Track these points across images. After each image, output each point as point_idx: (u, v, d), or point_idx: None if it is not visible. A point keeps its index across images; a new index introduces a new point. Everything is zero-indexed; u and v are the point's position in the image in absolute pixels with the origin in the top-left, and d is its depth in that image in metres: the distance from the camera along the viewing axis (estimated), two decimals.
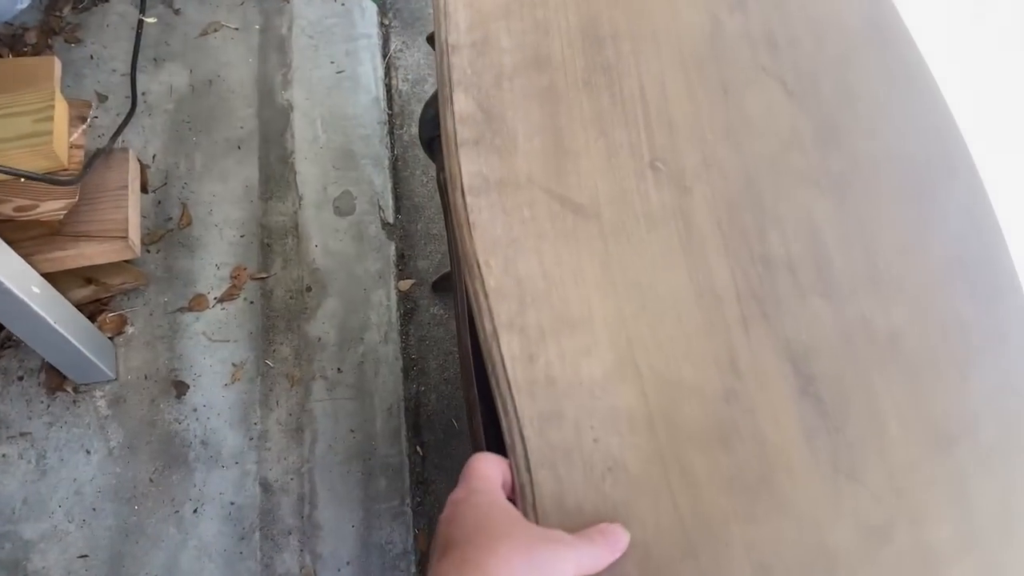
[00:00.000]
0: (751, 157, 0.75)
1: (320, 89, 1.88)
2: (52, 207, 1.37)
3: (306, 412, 1.56)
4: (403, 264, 1.73)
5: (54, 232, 1.44)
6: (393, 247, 1.73)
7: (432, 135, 1.19)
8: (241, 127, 1.82)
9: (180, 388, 1.57)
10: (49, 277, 1.40)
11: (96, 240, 1.47)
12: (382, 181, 1.79)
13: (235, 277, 1.67)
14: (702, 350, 0.67)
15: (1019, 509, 0.66)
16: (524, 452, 0.61)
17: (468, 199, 0.71)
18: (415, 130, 1.87)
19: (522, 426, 0.62)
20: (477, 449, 0.98)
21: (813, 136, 0.77)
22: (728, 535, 0.61)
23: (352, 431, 1.55)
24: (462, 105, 0.74)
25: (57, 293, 1.40)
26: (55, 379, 1.55)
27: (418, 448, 1.58)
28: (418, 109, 1.89)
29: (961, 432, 0.67)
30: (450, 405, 1.62)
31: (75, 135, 1.42)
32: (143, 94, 1.83)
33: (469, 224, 0.70)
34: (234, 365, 1.59)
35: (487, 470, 0.59)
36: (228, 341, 1.61)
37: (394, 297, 1.68)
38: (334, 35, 1.95)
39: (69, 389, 1.55)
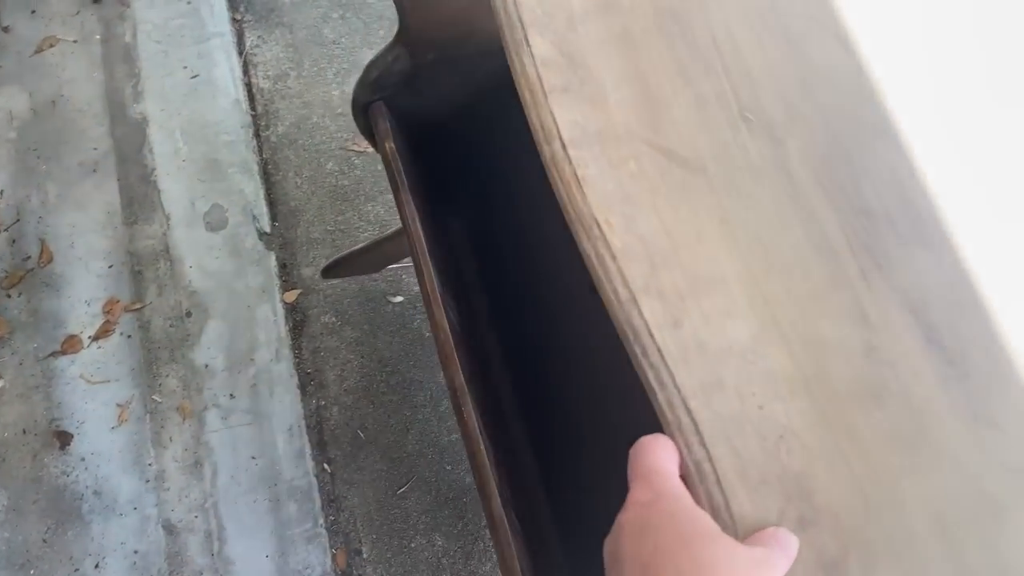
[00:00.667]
0: (829, 109, 0.73)
1: (175, 97, 1.76)
2: None
3: (202, 445, 1.49)
4: (286, 274, 1.66)
5: None
6: (273, 258, 1.65)
7: (370, 100, 1.12)
8: (94, 148, 1.70)
9: (63, 438, 1.47)
10: None
11: None
12: (253, 189, 1.70)
13: (108, 312, 1.57)
14: (834, 305, 0.64)
15: None
16: (694, 426, 0.57)
17: (571, 152, 0.64)
18: (283, 129, 1.78)
19: (685, 398, 0.58)
20: (470, 439, 0.94)
21: (877, 88, 0.75)
22: (902, 492, 0.59)
23: (254, 458, 1.49)
24: (541, 49, 0.67)
25: None
26: None
27: (325, 466, 1.52)
28: (283, 107, 1.80)
29: None
30: (354, 416, 1.56)
31: None
32: None
33: (578, 180, 0.63)
34: (119, 405, 1.50)
35: (664, 463, 0.54)
36: (109, 381, 1.52)
37: (281, 311, 1.60)
38: (183, 37, 1.83)
39: None
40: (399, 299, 1.66)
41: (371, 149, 1.75)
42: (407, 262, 1.69)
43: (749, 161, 0.69)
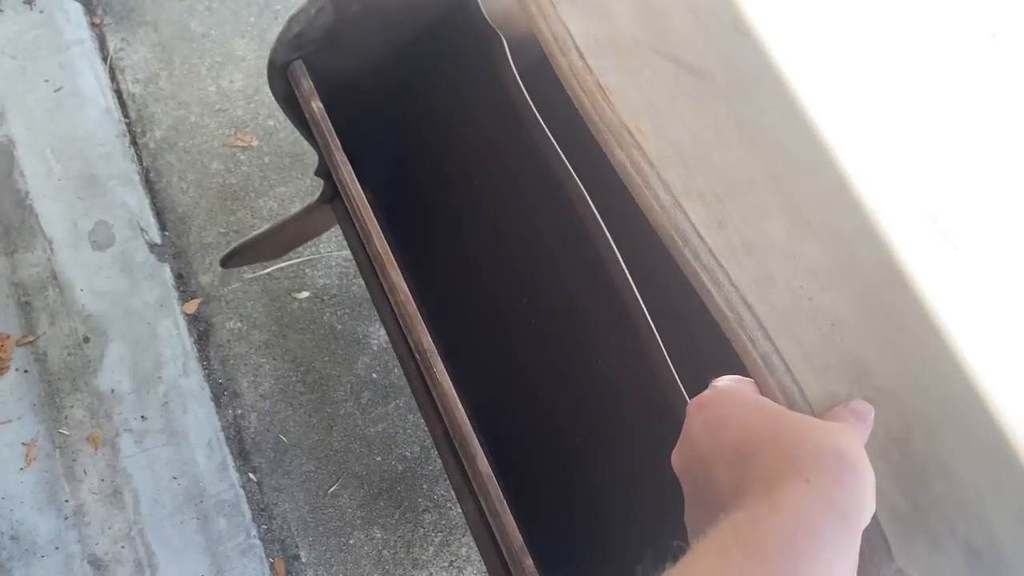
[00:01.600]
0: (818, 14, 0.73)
1: (40, 114, 1.67)
2: None
3: (119, 472, 1.44)
4: (183, 284, 1.60)
5: None
6: (168, 269, 1.59)
7: (289, 59, 1.06)
8: None
9: None
10: None
11: None
12: (137, 199, 1.63)
13: None
14: (855, 198, 0.65)
15: None
16: (757, 321, 0.58)
17: (591, 62, 0.64)
18: (160, 134, 1.70)
19: (743, 295, 0.59)
20: (445, 401, 0.92)
21: None
22: (943, 366, 0.61)
23: (175, 478, 1.45)
24: None
25: None
26: None
27: (250, 475, 1.49)
28: (157, 110, 1.72)
29: None
30: (273, 421, 1.53)
31: None
32: None
33: (603, 89, 0.64)
34: (24, 444, 1.44)
35: (732, 381, 0.55)
36: (11, 420, 1.45)
37: (183, 323, 1.55)
38: (40, 49, 1.73)
39: None
40: (304, 295, 1.61)
41: (255, 143, 1.69)
42: (309, 255, 1.64)
43: (751, 66, 0.70)
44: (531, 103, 0.95)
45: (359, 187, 1.02)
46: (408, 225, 1.31)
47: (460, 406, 0.93)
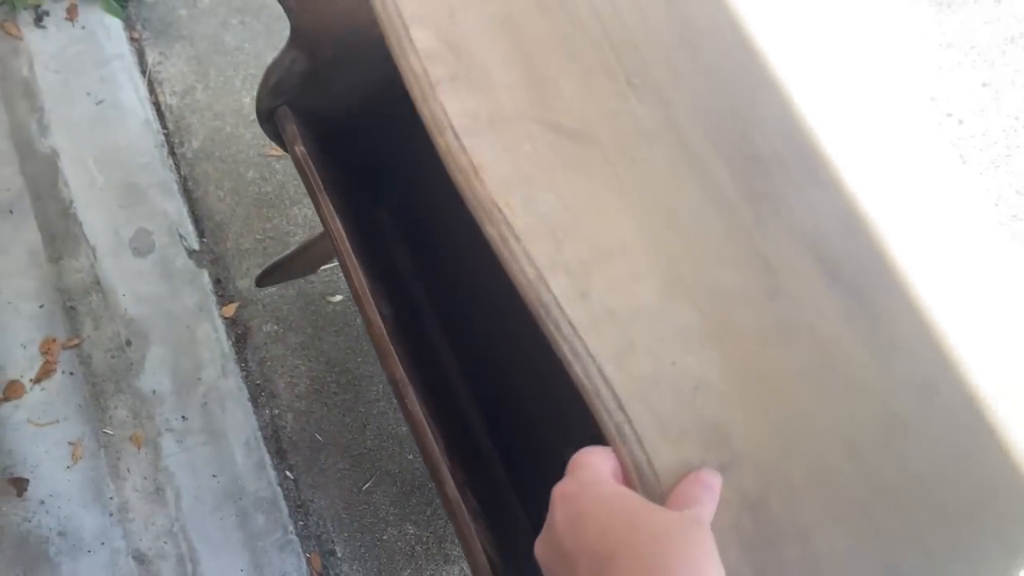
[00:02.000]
0: (712, 66, 0.75)
1: (83, 126, 1.73)
2: None
3: (162, 471, 1.49)
4: (221, 289, 1.65)
5: None
6: (206, 274, 1.64)
7: (274, 105, 1.11)
8: (7, 189, 1.67)
9: (19, 485, 1.46)
10: None
11: None
12: (176, 207, 1.68)
13: (46, 352, 1.55)
14: (734, 256, 0.67)
15: None
16: (611, 391, 0.59)
17: (465, 141, 0.65)
18: (197, 144, 1.76)
19: (600, 365, 0.60)
20: (416, 429, 0.95)
21: (757, 36, 0.77)
22: (815, 426, 0.63)
23: (215, 476, 1.49)
24: (424, 42, 0.67)
25: None
26: None
27: (287, 473, 1.53)
28: (194, 121, 1.78)
29: (984, 280, 0.72)
30: (309, 420, 1.57)
31: None
32: None
33: (474, 167, 0.65)
34: (71, 444, 1.49)
35: (595, 460, 0.55)
36: (58, 421, 1.51)
37: (221, 326, 1.60)
38: (83, 63, 1.79)
39: None
40: (338, 298, 1.66)
41: None
42: None
43: (639, 126, 0.71)
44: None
45: (340, 226, 1.04)
46: (426, 237, 1.35)
47: (430, 435, 0.95)
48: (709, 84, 0.74)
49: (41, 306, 1.58)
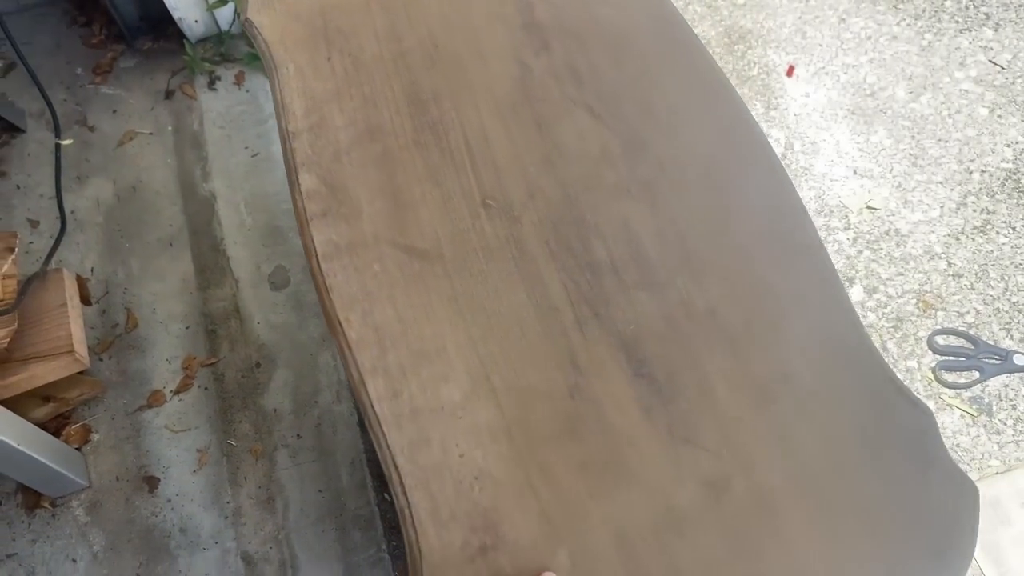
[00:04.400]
0: (569, 180, 0.84)
1: (238, 174, 1.96)
2: None
3: (274, 482, 1.63)
4: None
5: (3, 360, 1.51)
6: None
7: None
8: (170, 225, 1.91)
9: (152, 483, 1.63)
10: (7, 403, 1.47)
11: (44, 359, 1.55)
12: None
13: (186, 368, 1.74)
14: (545, 356, 0.76)
15: (841, 450, 0.74)
16: (399, 478, 0.70)
17: (323, 265, 0.80)
18: None
19: (394, 455, 0.71)
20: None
21: (622, 151, 0.86)
22: (587, 514, 0.70)
23: (320, 491, 1.62)
24: (308, 183, 0.83)
25: (15, 416, 1.47)
26: (32, 498, 1.61)
27: (385, 496, 1.64)
28: None
29: (780, 386, 0.75)
30: None
31: (4, 267, 1.50)
32: (72, 212, 1.91)
33: (326, 287, 0.79)
34: (199, 451, 1.66)
35: None
36: (190, 429, 1.68)
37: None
38: (244, 122, 2.04)
39: (47, 504, 1.61)
40: None
41: None
42: None
43: (484, 242, 0.82)
44: None
45: None
46: None
47: None
48: (564, 200, 0.85)
49: (187, 327, 1.78)
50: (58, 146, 1.86)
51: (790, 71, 2.05)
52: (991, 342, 1.73)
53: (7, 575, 1.56)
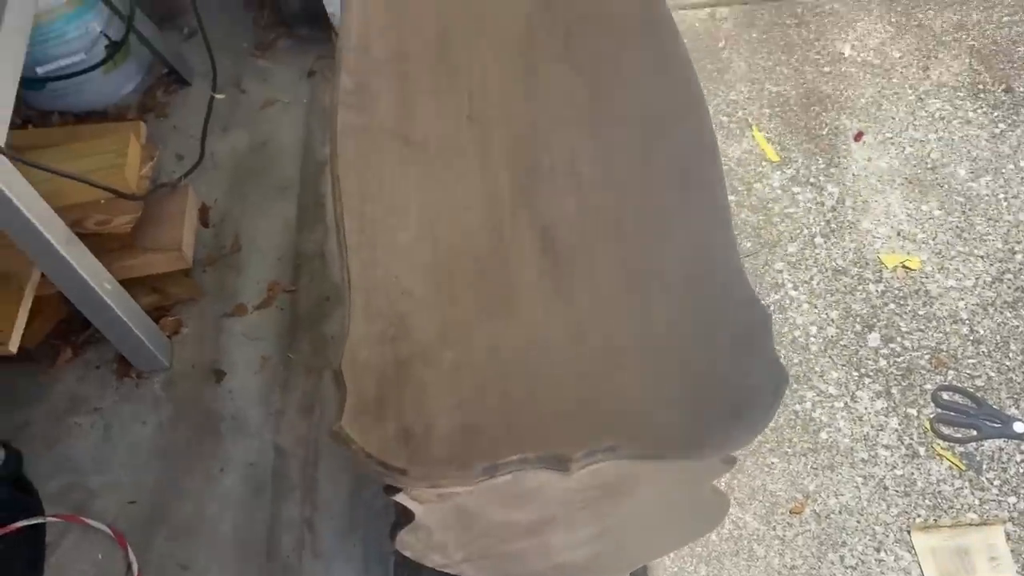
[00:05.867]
0: (539, 111, 1.08)
1: None
2: (121, 220, 1.79)
3: (317, 394, 1.89)
4: None
5: (127, 245, 1.86)
6: None
7: None
8: (286, 176, 2.24)
9: (219, 375, 1.93)
10: (124, 284, 1.80)
11: (157, 252, 1.88)
12: None
13: (270, 290, 2.05)
14: (480, 225, 0.99)
15: (683, 328, 0.92)
16: (349, 281, 0.95)
17: (339, 139, 1.05)
18: None
19: (350, 269, 0.95)
20: None
21: (587, 98, 1.08)
22: (473, 332, 0.91)
23: None
24: (345, 83, 1.10)
25: (124, 291, 1.80)
26: (124, 367, 1.94)
27: None
28: None
29: (651, 279, 0.94)
30: None
31: (144, 169, 1.85)
32: (211, 153, 2.28)
33: (336, 153, 1.04)
34: (263, 357, 1.95)
35: None
36: (260, 339, 1.98)
37: None
38: None
39: (134, 375, 1.93)
40: None
41: None
42: None
43: (460, 143, 1.08)
44: None
45: None
46: None
47: None
48: (531, 123, 1.08)
49: (279, 258, 2.10)
50: (212, 99, 2.22)
51: (858, 136, 2.19)
52: (996, 407, 1.80)
53: (90, 423, 1.88)
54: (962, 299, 1.93)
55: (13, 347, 1.56)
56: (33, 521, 1.71)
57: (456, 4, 1.17)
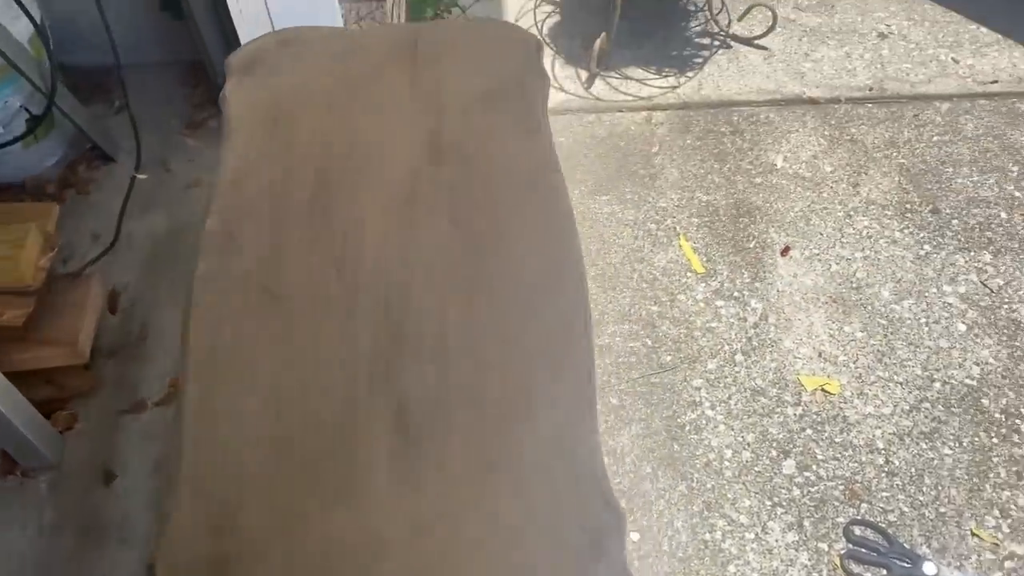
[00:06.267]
0: (414, 270, 1.03)
1: None
2: (13, 315, 1.71)
3: None
4: None
5: (19, 338, 1.77)
6: None
7: None
8: None
9: (109, 477, 1.84)
10: (15, 377, 1.71)
11: (51, 346, 1.80)
12: None
13: (172, 386, 1.96)
14: (334, 395, 0.93)
15: (543, 522, 0.87)
16: (180, 454, 0.88)
17: (197, 283, 1.00)
18: None
19: (182, 443, 0.89)
20: None
21: (465, 258, 1.04)
22: (309, 522, 0.85)
23: None
24: (210, 225, 1.05)
25: (13, 388, 1.71)
26: (8, 464, 1.84)
27: None
28: None
29: (505, 468, 0.89)
30: None
31: (43, 260, 1.77)
32: (128, 235, 2.21)
33: (192, 302, 0.98)
34: (157, 460, 1.86)
35: None
36: (158, 438, 1.89)
37: None
38: None
39: (18, 473, 1.83)
40: None
41: None
42: None
43: (328, 297, 1.01)
44: None
45: None
46: None
47: None
48: (403, 283, 1.03)
49: None
50: (134, 178, 2.17)
51: (785, 251, 2.18)
52: (907, 545, 1.76)
53: None
54: (879, 427, 1.90)
55: None
56: None
57: (343, 143, 1.13)
